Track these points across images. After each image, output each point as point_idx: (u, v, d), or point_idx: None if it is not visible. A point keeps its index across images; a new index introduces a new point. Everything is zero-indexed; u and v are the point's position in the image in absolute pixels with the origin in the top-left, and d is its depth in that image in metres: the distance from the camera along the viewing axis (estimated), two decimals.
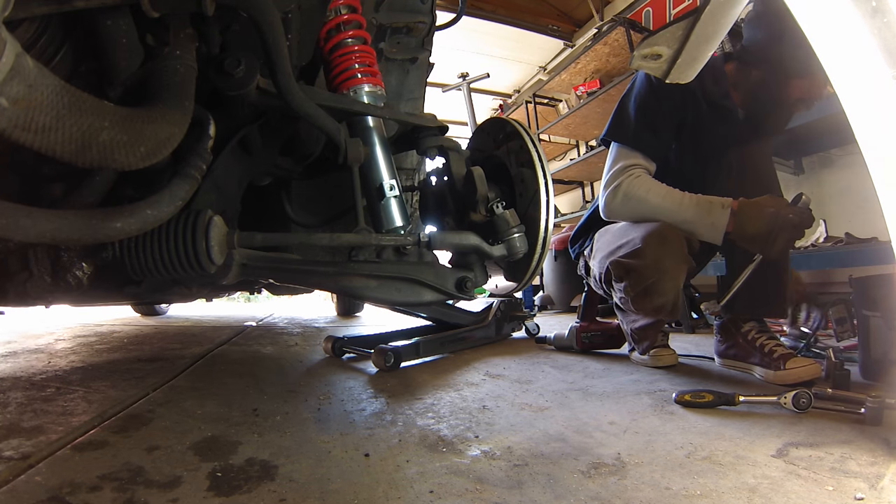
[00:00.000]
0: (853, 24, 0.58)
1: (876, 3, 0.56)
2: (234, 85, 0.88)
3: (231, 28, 0.95)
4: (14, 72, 0.49)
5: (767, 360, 1.38)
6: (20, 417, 1.08)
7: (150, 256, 0.86)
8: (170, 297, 1.87)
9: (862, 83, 0.60)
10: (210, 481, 0.78)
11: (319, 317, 3.60)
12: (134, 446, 0.92)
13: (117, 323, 3.04)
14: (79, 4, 0.67)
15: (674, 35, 0.75)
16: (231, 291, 2.33)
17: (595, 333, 1.87)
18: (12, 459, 0.84)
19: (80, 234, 0.65)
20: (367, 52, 1.16)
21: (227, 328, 2.79)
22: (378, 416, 1.13)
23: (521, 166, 1.18)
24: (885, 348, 1.28)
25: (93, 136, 0.60)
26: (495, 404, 1.21)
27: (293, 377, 1.56)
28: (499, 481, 0.78)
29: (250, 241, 0.95)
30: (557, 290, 3.89)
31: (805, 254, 2.21)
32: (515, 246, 1.12)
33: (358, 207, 1.05)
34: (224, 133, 0.98)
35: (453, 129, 1.71)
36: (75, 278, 0.91)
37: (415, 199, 1.76)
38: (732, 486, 0.74)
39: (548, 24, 4.40)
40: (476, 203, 1.13)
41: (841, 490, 0.72)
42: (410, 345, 1.72)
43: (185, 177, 0.78)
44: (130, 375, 1.50)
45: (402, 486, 0.76)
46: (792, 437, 0.94)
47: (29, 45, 0.71)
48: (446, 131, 1.26)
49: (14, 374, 1.53)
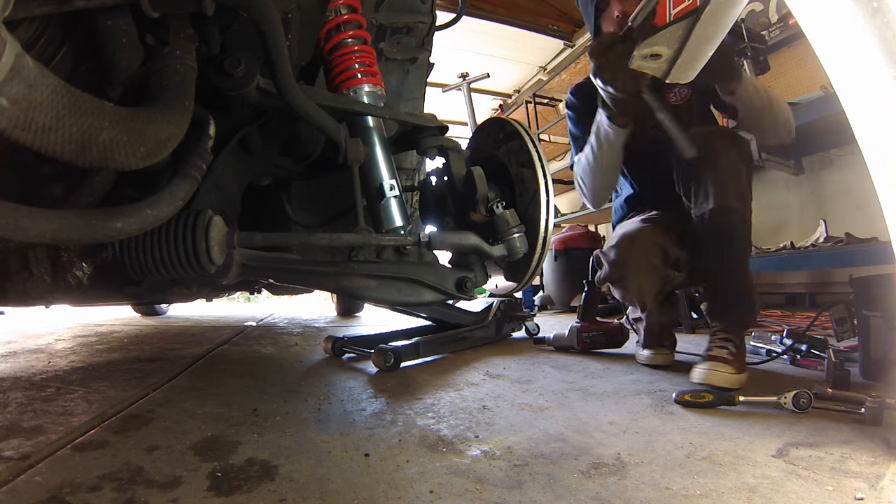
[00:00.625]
0: (854, 24, 0.58)
1: (877, 4, 0.56)
2: (234, 85, 0.88)
3: (231, 28, 0.95)
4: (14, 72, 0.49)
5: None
6: (20, 417, 1.07)
7: (150, 256, 0.86)
8: (170, 297, 1.87)
9: (862, 83, 0.60)
10: (210, 481, 0.78)
11: (319, 317, 3.60)
12: (134, 446, 0.92)
13: (117, 323, 3.04)
14: (79, 4, 0.67)
15: (674, 35, 0.75)
16: (231, 291, 2.33)
17: (596, 333, 1.87)
18: (12, 459, 0.84)
19: (80, 234, 0.65)
20: (367, 52, 1.16)
21: (227, 328, 2.78)
22: (378, 416, 1.13)
23: (521, 166, 1.18)
24: (885, 348, 1.28)
25: (93, 136, 0.60)
26: (495, 404, 1.21)
27: (293, 377, 1.56)
28: (499, 481, 0.78)
29: (250, 241, 0.95)
30: (557, 290, 3.89)
31: (805, 254, 2.21)
32: (515, 246, 1.12)
33: (358, 207, 1.05)
34: (224, 133, 0.98)
35: (453, 129, 1.71)
36: (75, 278, 0.91)
37: (415, 199, 1.76)
38: (732, 486, 0.74)
39: (548, 24, 4.39)
40: (476, 203, 1.13)
41: (841, 490, 0.72)
42: (410, 345, 1.72)
43: (185, 177, 0.78)
44: (130, 375, 1.50)
45: (402, 486, 0.76)
46: (792, 437, 0.94)
47: (29, 45, 0.71)
48: (446, 131, 1.26)
49: (14, 374, 1.53)
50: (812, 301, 2.78)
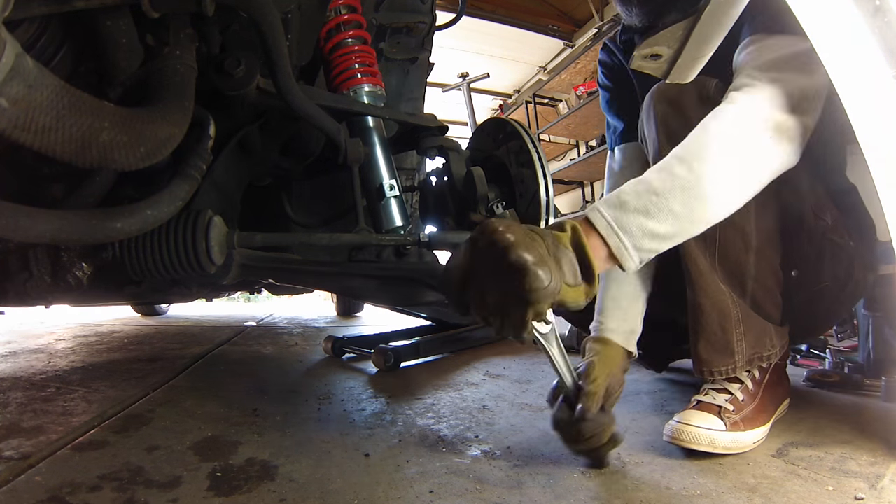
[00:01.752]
0: (855, 24, 0.58)
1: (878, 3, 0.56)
2: (234, 85, 0.88)
3: (231, 28, 0.95)
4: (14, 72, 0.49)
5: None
6: (20, 417, 1.07)
7: (150, 257, 0.86)
8: (170, 297, 1.87)
9: (863, 83, 0.60)
10: (210, 481, 0.78)
11: (319, 317, 3.60)
12: (134, 446, 0.92)
13: (117, 323, 3.04)
14: (79, 4, 0.67)
15: (674, 35, 0.75)
16: (231, 291, 2.33)
17: None
18: (12, 459, 0.84)
19: (80, 234, 0.65)
20: (367, 52, 1.16)
21: (227, 328, 2.78)
22: (378, 416, 1.13)
23: (521, 166, 1.18)
24: (885, 348, 1.28)
25: (93, 137, 0.60)
26: (495, 404, 1.21)
27: (293, 377, 1.56)
28: (499, 481, 0.78)
29: (250, 241, 0.95)
30: None
31: None
32: None
33: (358, 207, 1.05)
34: (224, 133, 0.98)
35: (453, 129, 1.71)
36: (75, 278, 0.91)
37: (415, 199, 1.76)
38: (732, 486, 0.74)
39: (548, 24, 4.39)
40: (476, 203, 1.13)
41: (841, 490, 0.72)
42: (410, 345, 1.72)
43: (185, 177, 0.78)
44: (130, 375, 1.50)
45: (402, 486, 0.76)
46: (792, 436, 0.94)
47: (29, 46, 0.71)
48: (446, 131, 1.26)
49: (14, 374, 1.53)
50: None
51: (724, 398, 0.91)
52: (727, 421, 0.87)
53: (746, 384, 0.94)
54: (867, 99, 0.60)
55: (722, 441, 0.85)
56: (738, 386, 0.94)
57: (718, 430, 0.86)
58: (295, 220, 1.35)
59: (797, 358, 1.56)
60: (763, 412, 0.93)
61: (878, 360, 1.29)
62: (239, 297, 5.34)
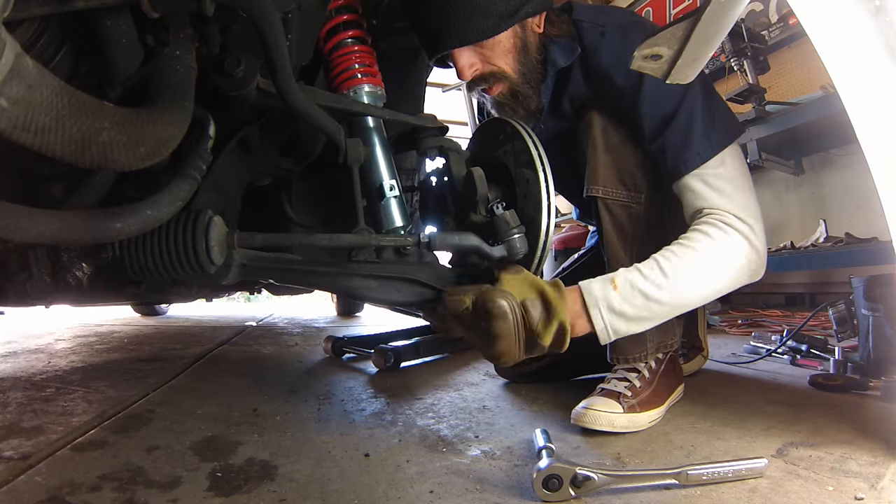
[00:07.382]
0: (856, 23, 0.58)
1: (879, 3, 0.56)
2: (234, 85, 0.88)
3: (231, 28, 0.95)
4: (14, 72, 0.49)
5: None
6: (20, 417, 1.08)
7: (150, 257, 0.85)
8: (170, 297, 1.86)
9: (864, 82, 0.60)
10: (210, 481, 0.78)
11: (319, 317, 3.60)
12: (134, 446, 0.92)
13: (117, 323, 3.04)
14: (79, 5, 0.67)
15: (674, 35, 0.75)
16: (231, 291, 2.33)
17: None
18: (12, 459, 0.84)
19: (80, 234, 0.65)
20: (367, 52, 1.16)
21: (227, 328, 2.78)
22: (378, 416, 1.13)
23: (522, 167, 1.18)
24: (885, 348, 1.28)
25: (93, 137, 0.60)
26: (495, 404, 1.21)
27: (293, 377, 1.56)
28: (499, 481, 0.78)
29: (250, 241, 0.95)
30: None
31: (805, 254, 2.21)
32: (515, 247, 1.11)
33: (358, 207, 1.05)
34: (224, 133, 0.98)
35: (453, 129, 1.70)
36: (75, 278, 0.91)
37: (415, 199, 1.76)
38: (732, 486, 0.74)
39: None
40: (476, 204, 1.13)
41: (841, 490, 0.72)
42: (410, 345, 1.72)
43: (185, 177, 0.78)
44: (130, 375, 1.50)
45: (402, 486, 0.76)
46: (792, 437, 0.94)
47: (29, 46, 0.71)
48: (446, 132, 1.26)
49: (14, 374, 1.53)
50: (812, 301, 2.79)
51: (624, 385, 1.05)
52: (625, 405, 1.01)
53: (643, 373, 1.08)
54: (868, 98, 0.60)
55: (620, 422, 0.99)
56: (635, 375, 1.07)
57: (616, 412, 1.00)
58: (295, 221, 1.35)
59: (797, 358, 1.56)
60: (657, 396, 1.07)
61: (878, 360, 1.29)
62: (239, 297, 5.34)
